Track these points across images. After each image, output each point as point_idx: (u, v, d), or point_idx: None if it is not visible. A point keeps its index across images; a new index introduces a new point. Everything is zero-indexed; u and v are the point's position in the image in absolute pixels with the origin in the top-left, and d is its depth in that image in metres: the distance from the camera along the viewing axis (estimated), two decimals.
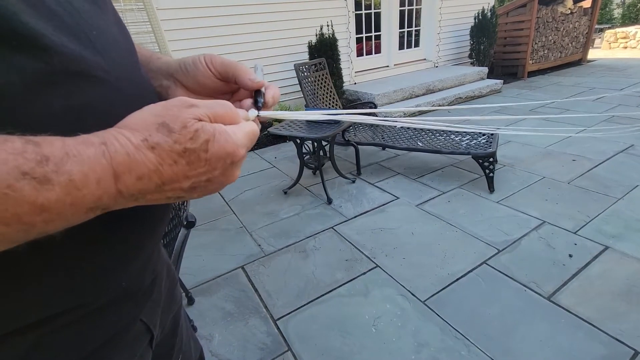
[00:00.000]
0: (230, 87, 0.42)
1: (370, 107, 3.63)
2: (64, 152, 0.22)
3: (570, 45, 6.66)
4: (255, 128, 0.34)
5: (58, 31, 0.26)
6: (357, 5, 4.84)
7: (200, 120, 0.27)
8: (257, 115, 0.38)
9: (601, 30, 10.26)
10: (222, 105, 0.31)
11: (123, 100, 0.31)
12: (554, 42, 6.30)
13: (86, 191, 0.22)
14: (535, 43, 5.99)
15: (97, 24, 0.30)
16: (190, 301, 1.66)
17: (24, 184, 0.20)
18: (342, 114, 0.47)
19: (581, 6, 6.50)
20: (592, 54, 7.60)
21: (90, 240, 0.29)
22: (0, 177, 0.19)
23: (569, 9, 6.25)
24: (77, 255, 0.30)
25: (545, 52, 6.26)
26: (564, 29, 6.34)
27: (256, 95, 0.40)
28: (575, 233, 1.93)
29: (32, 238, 0.22)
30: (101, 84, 0.29)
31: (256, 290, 1.72)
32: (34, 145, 0.21)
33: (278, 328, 1.50)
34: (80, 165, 0.22)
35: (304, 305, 1.61)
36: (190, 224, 0.78)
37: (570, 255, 1.76)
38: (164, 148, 0.26)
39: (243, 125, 0.32)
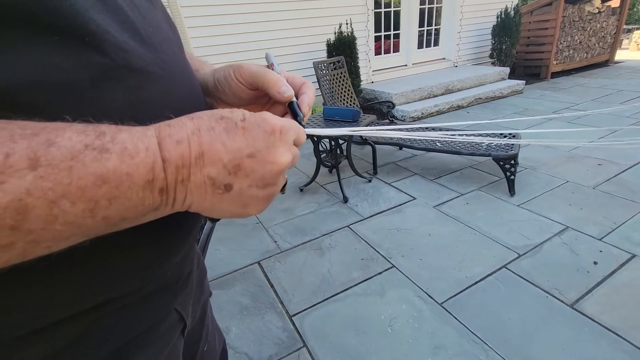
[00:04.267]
0: (264, 92, 0.42)
1: (388, 107, 3.60)
2: (116, 128, 0.24)
3: (597, 45, 6.43)
4: (297, 125, 0.34)
5: (122, 27, 0.27)
6: (377, 4, 4.80)
7: None
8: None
9: (629, 30, 9.89)
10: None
11: (176, 96, 0.32)
12: (580, 42, 6.09)
13: (138, 159, 0.23)
14: (560, 43, 5.81)
15: (153, 20, 0.31)
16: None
17: (86, 154, 0.21)
18: (385, 129, 0.46)
19: (609, 5, 6.26)
20: (619, 55, 7.32)
21: (144, 228, 0.29)
22: (65, 150, 0.20)
23: (597, 8, 6.04)
24: (133, 242, 0.31)
25: (571, 52, 6.06)
26: (591, 29, 6.13)
27: (291, 107, 0.39)
28: (600, 240, 1.87)
29: (98, 225, 0.23)
30: (158, 80, 0.30)
31: (272, 286, 1.74)
32: (93, 124, 0.23)
33: (294, 324, 1.51)
34: (131, 136, 0.24)
35: (320, 302, 1.61)
36: (216, 218, 0.79)
37: (595, 263, 1.71)
38: (202, 117, 0.28)
39: None
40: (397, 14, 5.12)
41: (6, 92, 0.21)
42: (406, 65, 5.45)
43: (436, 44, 5.74)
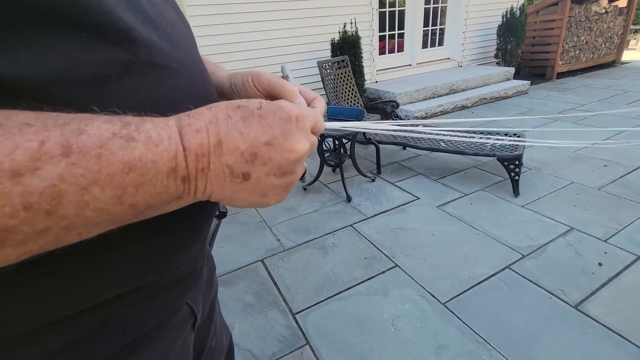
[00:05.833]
0: None
1: (392, 106, 3.59)
2: (140, 118, 0.25)
3: (603, 45, 6.38)
4: (314, 112, 0.34)
5: (144, 24, 0.28)
6: (381, 3, 4.79)
7: None
8: None
9: (636, 31, 9.78)
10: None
11: (192, 91, 0.33)
12: (587, 42, 6.05)
13: (162, 147, 0.24)
14: (567, 43, 5.76)
15: (169, 17, 0.32)
16: None
17: (114, 142, 0.22)
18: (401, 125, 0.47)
19: (616, 5, 6.20)
20: (626, 56, 7.25)
21: (162, 220, 0.30)
22: (95, 138, 0.21)
23: (604, 8, 5.98)
24: (151, 234, 0.31)
25: (577, 52, 6.02)
26: (597, 29, 6.08)
27: None
28: (605, 241, 1.86)
29: (125, 212, 0.23)
30: (176, 75, 0.30)
31: (275, 284, 1.75)
32: (118, 115, 0.24)
33: (297, 322, 1.51)
34: (154, 125, 0.25)
35: (323, 300, 1.62)
36: (222, 215, 0.79)
37: (600, 264, 1.70)
38: (219, 106, 0.28)
39: None
40: (401, 13, 5.11)
41: (40, 86, 0.22)
42: (410, 65, 5.44)
43: (441, 43, 5.72)
